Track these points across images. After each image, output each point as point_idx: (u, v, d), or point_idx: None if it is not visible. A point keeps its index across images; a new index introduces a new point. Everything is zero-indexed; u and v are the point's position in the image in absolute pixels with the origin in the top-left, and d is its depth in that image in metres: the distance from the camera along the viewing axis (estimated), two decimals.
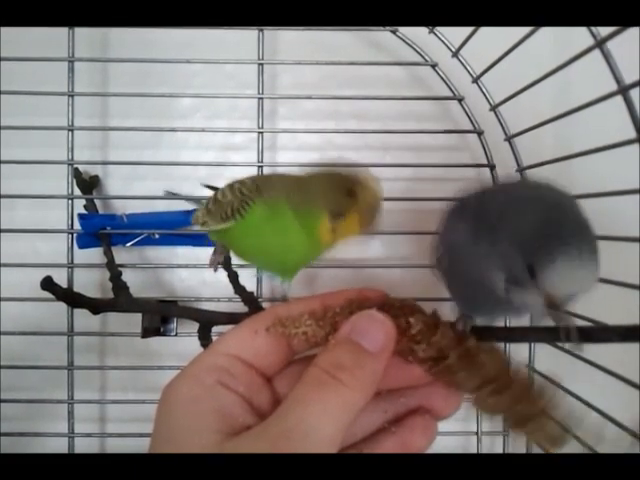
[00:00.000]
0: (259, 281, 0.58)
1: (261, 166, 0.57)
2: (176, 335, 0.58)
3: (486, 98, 0.55)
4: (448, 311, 0.40)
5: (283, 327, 0.33)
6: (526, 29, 0.42)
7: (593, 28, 0.36)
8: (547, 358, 0.59)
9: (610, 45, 0.35)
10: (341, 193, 0.37)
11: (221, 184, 0.44)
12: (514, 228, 0.36)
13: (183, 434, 0.29)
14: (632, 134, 0.36)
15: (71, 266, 0.57)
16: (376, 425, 0.34)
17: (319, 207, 0.37)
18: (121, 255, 0.59)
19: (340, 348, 0.30)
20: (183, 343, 0.59)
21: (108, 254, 0.57)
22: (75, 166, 0.57)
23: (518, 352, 0.61)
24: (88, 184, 0.59)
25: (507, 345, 0.58)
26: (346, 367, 0.29)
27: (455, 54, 0.54)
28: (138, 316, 0.56)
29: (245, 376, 0.32)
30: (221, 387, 0.31)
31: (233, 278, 0.50)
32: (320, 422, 0.27)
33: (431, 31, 0.54)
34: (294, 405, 0.28)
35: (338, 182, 0.38)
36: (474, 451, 0.60)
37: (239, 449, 0.27)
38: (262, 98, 0.57)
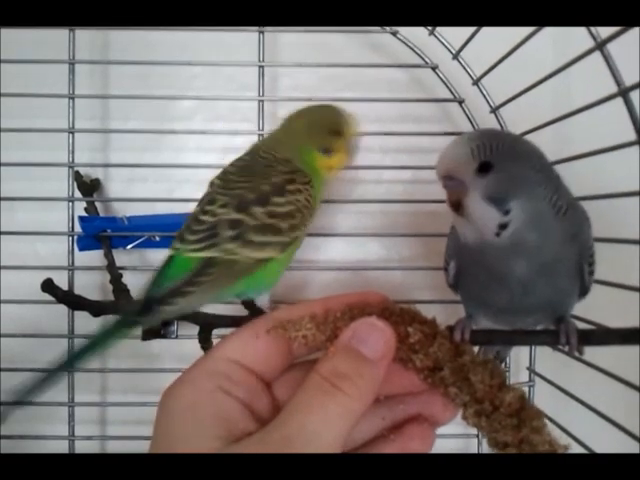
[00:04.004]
0: None
1: None
2: (177, 337, 0.57)
3: (486, 100, 0.55)
4: (447, 314, 0.40)
5: (283, 330, 0.33)
6: (526, 31, 0.42)
7: (593, 30, 0.36)
8: (547, 360, 0.58)
9: (610, 47, 0.35)
10: (327, 132, 0.43)
11: None
12: None
13: (182, 440, 0.29)
14: (632, 136, 0.36)
15: (71, 268, 0.57)
16: (375, 432, 0.34)
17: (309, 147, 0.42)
18: (121, 257, 0.59)
19: (340, 355, 0.30)
20: (184, 345, 0.58)
21: (109, 256, 0.57)
22: (76, 169, 0.57)
23: (519, 354, 0.61)
24: (89, 187, 0.59)
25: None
26: (346, 375, 0.29)
27: (455, 56, 0.54)
28: None
29: (245, 381, 0.32)
30: (221, 393, 0.31)
31: None
32: (321, 429, 0.28)
33: (431, 33, 0.54)
34: (295, 412, 0.28)
35: (322, 122, 0.43)
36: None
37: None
38: (262, 100, 0.57)
